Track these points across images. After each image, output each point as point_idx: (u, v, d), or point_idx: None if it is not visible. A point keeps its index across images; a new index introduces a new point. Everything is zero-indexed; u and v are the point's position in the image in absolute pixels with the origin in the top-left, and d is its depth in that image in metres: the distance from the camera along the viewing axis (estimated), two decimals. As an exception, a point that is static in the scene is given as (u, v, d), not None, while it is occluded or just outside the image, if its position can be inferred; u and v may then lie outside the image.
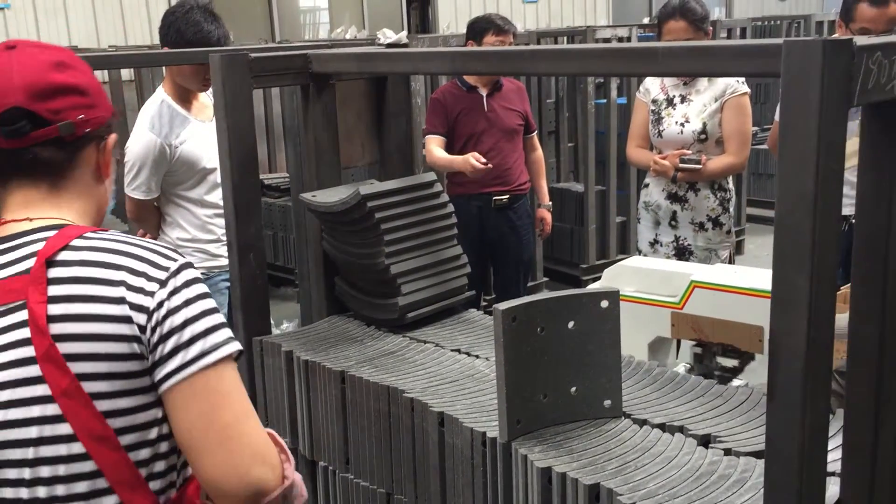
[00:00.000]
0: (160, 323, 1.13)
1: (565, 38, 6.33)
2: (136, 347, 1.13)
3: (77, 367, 1.11)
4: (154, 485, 1.18)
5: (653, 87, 3.56)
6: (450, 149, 3.94)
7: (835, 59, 0.91)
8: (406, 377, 1.65)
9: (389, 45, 2.02)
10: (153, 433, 1.17)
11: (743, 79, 3.33)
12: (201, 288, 1.18)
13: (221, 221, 2.98)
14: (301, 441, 1.81)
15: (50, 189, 1.23)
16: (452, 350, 1.78)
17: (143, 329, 1.13)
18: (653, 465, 1.29)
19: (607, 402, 1.45)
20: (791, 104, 0.93)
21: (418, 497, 1.59)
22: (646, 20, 9.04)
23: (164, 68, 3.19)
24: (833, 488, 1.18)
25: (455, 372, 1.67)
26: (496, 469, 1.41)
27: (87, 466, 1.13)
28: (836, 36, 3.34)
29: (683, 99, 3.43)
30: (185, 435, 1.14)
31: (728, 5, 15.45)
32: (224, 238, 3.03)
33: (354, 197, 1.80)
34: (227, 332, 1.16)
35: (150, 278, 1.14)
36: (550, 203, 4.33)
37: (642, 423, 1.43)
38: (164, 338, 1.12)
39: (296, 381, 1.79)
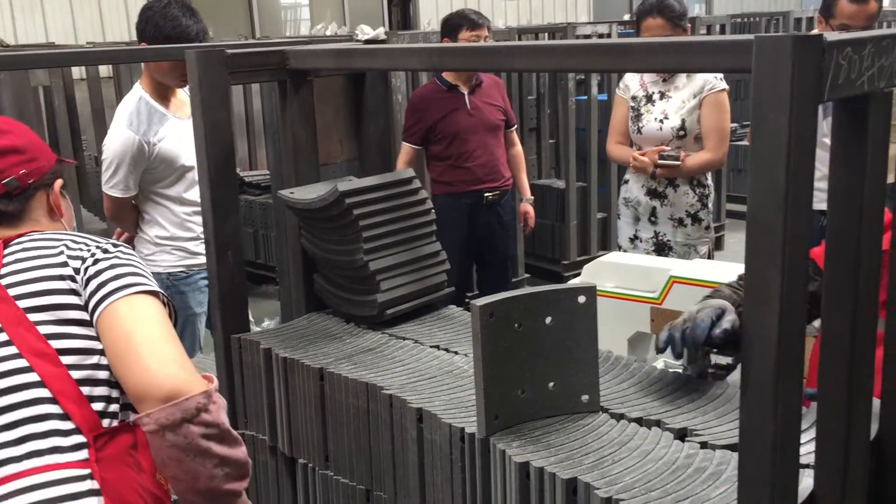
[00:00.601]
0: (90, 268, 1.42)
1: (546, 34, 6.34)
2: (71, 284, 1.42)
3: (23, 303, 1.39)
4: (95, 406, 1.36)
5: (632, 83, 3.58)
6: (435, 149, 3.95)
7: (805, 54, 0.92)
8: (385, 374, 1.65)
9: (367, 42, 2.01)
10: (92, 359, 1.38)
11: (721, 75, 3.35)
12: (130, 266, 1.45)
13: (200, 219, 2.96)
14: (280, 438, 1.81)
15: (10, 234, 1.52)
16: (431, 346, 1.78)
17: (77, 271, 1.43)
18: (630, 458, 1.30)
19: (585, 397, 1.45)
20: (762, 100, 0.94)
21: (397, 493, 1.59)
22: (626, 16, 9.07)
23: (141, 65, 3.17)
24: (807, 480, 1.19)
25: (434, 368, 1.67)
26: (474, 464, 1.41)
27: (31, 377, 1.34)
28: (814, 32, 3.36)
29: (662, 95, 3.45)
30: (112, 354, 1.37)
31: (707, 2, 15.53)
32: (203, 236, 3.02)
33: (332, 193, 1.80)
34: (146, 283, 1.43)
35: (86, 247, 1.47)
36: (532, 197, 4.35)
37: (619, 417, 1.44)
38: (93, 277, 1.41)
39: (274, 379, 1.79)
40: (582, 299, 1.42)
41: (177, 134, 2.94)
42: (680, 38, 1.15)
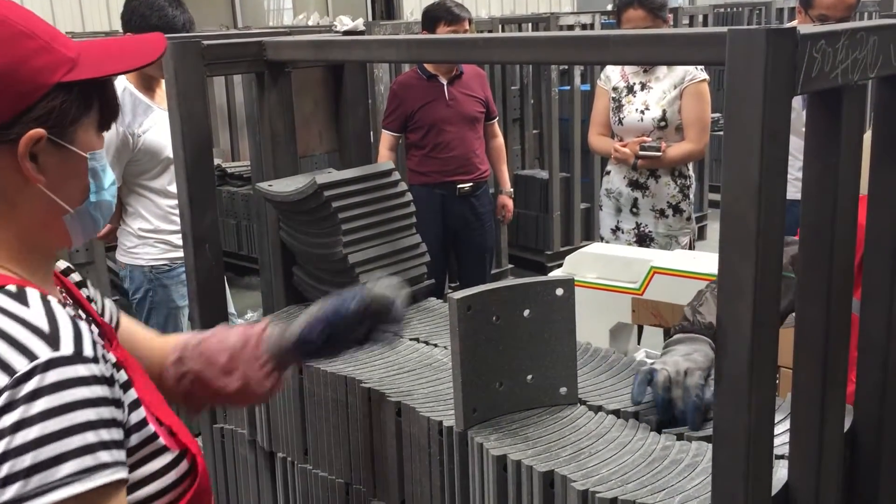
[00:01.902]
0: None
1: (529, 24, 6.33)
2: None
3: None
4: None
5: (613, 74, 3.58)
6: (412, 137, 3.94)
7: (778, 47, 0.92)
8: (364, 367, 1.65)
9: (346, 33, 1.99)
10: None
11: (702, 66, 3.36)
12: (55, 400, 0.88)
13: None
14: (259, 432, 1.80)
15: None
16: (411, 339, 1.77)
17: None
18: (607, 451, 1.30)
19: (563, 390, 1.45)
20: (735, 93, 0.94)
21: (376, 486, 1.59)
22: (609, 7, 9.07)
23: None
24: (782, 471, 1.20)
25: (413, 361, 1.66)
26: (452, 458, 1.41)
27: None
28: (794, 23, 3.37)
29: (643, 86, 3.46)
30: None
31: (691, -9, 15.55)
32: None
33: (311, 186, 1.79)
34: (69, 468, 0.88)
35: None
36: (511, 190, 4.36)
37: (597, 409, 1.44)
38: None
39: (253, 373, 1.78)
40: (560, 292, 1.42)
41: (162, 125, 2.91)
42: (655, 31, 1.15)
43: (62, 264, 1.20)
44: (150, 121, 2.92)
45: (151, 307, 3.19)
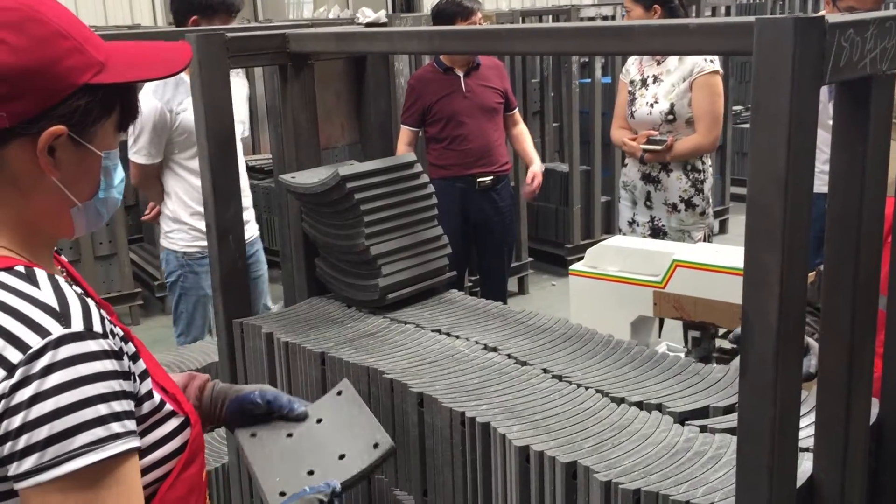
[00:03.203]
0: (3, 399, 0.92)
1: (550, 16, 6.30)
2: None
3: None
4: None
5: (632, 67, 3.57)
6: (431, 131, 3.94)
7: (806, 36, 0.91)
8: (386, 358, 1.65)
9: (368, 25, 2.00)
10: None
11: (714, 57, 3.33)
12: (69, 374, 0.92)
13: None
14: (282, 422, 1.81)
15: None
16: (433, 331, 1.78)
17: None
18: (629, 442, 1.30)
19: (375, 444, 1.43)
20: (762, 83, 0.93)
21: (399, 476, 1.60)
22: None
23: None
24: (806, 464, 1.19)
25: (435, 353, 1.67)
26: (475, 448, 1.42)
27: None
28: (821, 13, 3.34)
29: (655, 79, 3.44)
30: None
31: (714, -17, 15.40)
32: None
33: (333, 178, 1.80)
34: (83, 439, 0.92)
35: (0, 360, 0.92)
36: (542, 164, 4.25)
37: (620, 401, 1.44)
38: (2, 440, 0.92)
39: (276, 363, 1.79)
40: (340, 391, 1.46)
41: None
42: (680, 21, 1.14)
43: None
44: (190, 101, 3.01)
45: (182, 293, 3.24)
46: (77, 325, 0.95)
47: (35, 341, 0.92)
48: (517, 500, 1.34)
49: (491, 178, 3.97)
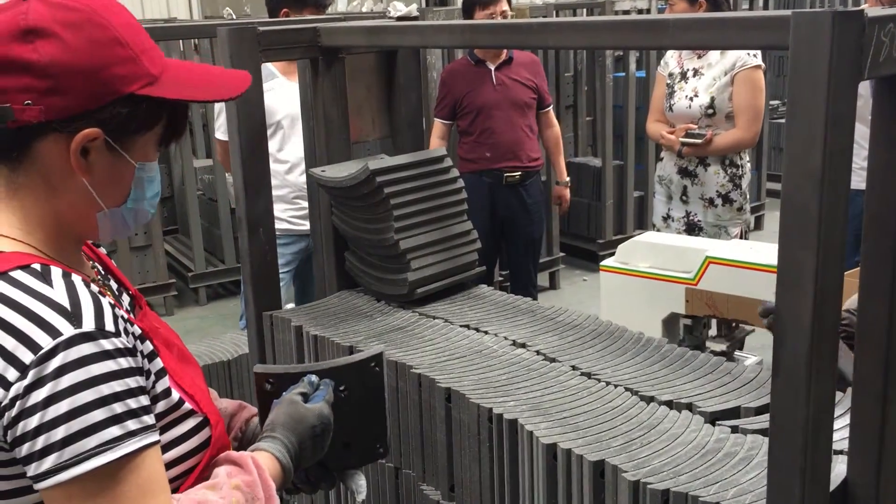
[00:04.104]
0: (13, 424, 0.92)
1: (584, 10, 6.24)
2: None
3: None
4: None
5: (671, 60, 3.52)
6: (462, 124, 3.92)
7: (844, 30, 0.89)
8: (414, 353, 1.65)
9: (399, 18, 1.99)
10: None
11: (756, 52, 3.27)
12: (81, 374, 0.93)
13: (292, 178, 3.22)
14: (311, 415, 1.82)
15: None
16: (461, 326, 1.77)
17: None
18: (658, 442, 1.29)
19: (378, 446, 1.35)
20: (799, 78, 0.91)
21: (426, 471, 1.60)
22: (666, -8, 8.90)
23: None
24: (840, 467, 1.17)
25: (463, 348, 1.66)
26: (502, 445, 1.41)
27: None
28: (864, 6, 3.27)
29: (696, 72, 3.39)
30: None
31: (752, -24, 15.17)
32: (294, 200, 3.21)
33: (363, 172, 1.80)
34: (99, 438, 0.93)
35: (13, 360, 0.92)
36: (568, 180, 4.28)
37: (649, 399, 1.42)
38: (18, 441, 0.93)
39: (305, 356, 1.80)
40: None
41: (278, 91, 3.14)
42: (715, 15, 1.12)
43: None
44: (268, 85, 3.17)
45: None
46: (88, 324, 0.95)
47: (46, 342, 0.92)
48: (544, 498, 1.34)
49: (519, 173, 3.94)
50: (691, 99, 3.36)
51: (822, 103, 0.90)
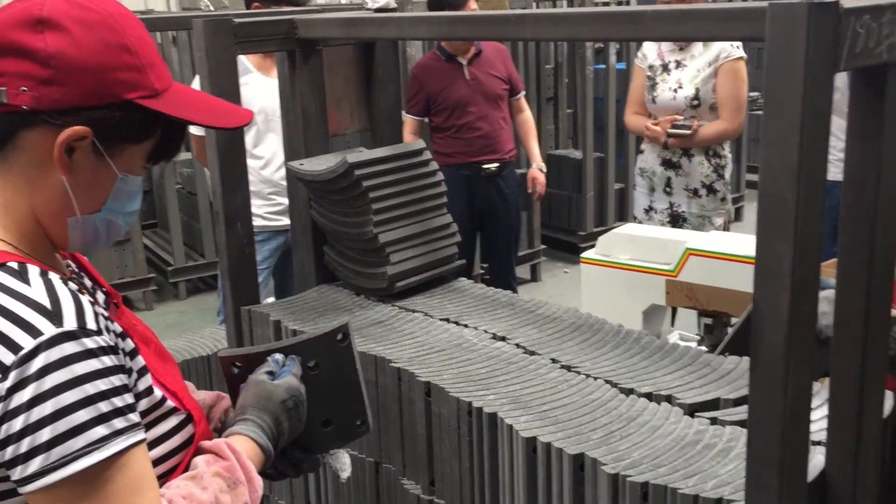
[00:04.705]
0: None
1: (564, 1, 6.24)
2: None
3: None
4: None
5: (650, 52, 3.52)
6: (436, 120, 3.91)
7: (820, 22, 0.89)
8: (394, 347, 1.64)
9: (377, 10, 1.98)
10: None
11: (738, 43, 3.29)
12: (65, 374, 0.91)
13: (266, 174, 3.21)
14: (290, 410, 1.81)
15: None
16: (441, 319, 1.77)
17: None
18: (638, 434, 1.29)
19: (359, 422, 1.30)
20: (775, 70, 0.91)
21: (406, 466, 1.59)
22: (646, -17, 8.92)
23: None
24: (818, 458, 1.17)
25: (443, 341, 1.66)
26: (482, 439, 1.41)
27: None
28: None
29: (678, 64, 3.40)
30: None
31: (731, -32, 15.23)
32: (269, 196, 3.18)
33: (341, 165, 1.78)
34: (86, 438, 0.91)
35: (5, 346, 0.90)
36: (543, 164, 4.27)
37: (629, 392, 1.42)
38: (2, 445, 0.91)
39: (284, 351, 1.78)
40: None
41: (253, 87, 3.10)
42: (692, 6, 1.12)
43: None
44: (243, 80, 3.10)
45: None
46: (70, 323, 0.93)
47: (27, 342, 0.90)
48: (524, 492, 1.34)
49: (497, 164, 3.95)
50: (675, 91, 3.37)
51: (798, 95, 0.90)
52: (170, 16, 5.15)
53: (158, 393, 1.06)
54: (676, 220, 3.49)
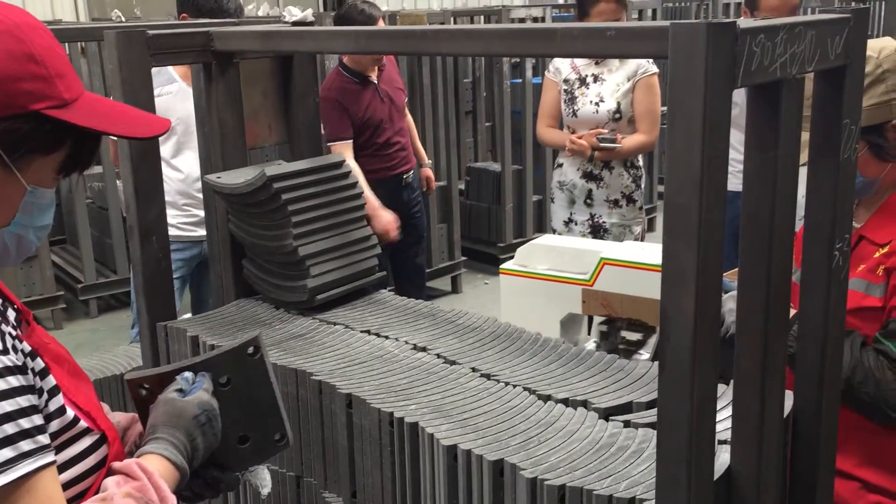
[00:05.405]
0: None
1: (482, 17, 6.33)
2: None
3: None
4: None
5: (563, 66, 3.60)
6: (358, 141, 3.91)
7: (718, 41, 0.94)
8: (315, 360, 1.64)
9: (295, 23, 1.98)
10: None
11: (652, 59, 3.41)
12: None
13: (184, 185, 3.18)
14: (209, 427, 1.78)
15: None
16: (362, 331, 1.77)
17: None
18: (555, 439, 1.32)
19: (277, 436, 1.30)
20: (677, 85, 0.96)
21: (328, 479, 1.59)
22: (561, 0, 9.13)
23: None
24: (724, 456, 1.23)
25: (364, 353, 1.66)
26: (404, 449, 1.42)
27: None
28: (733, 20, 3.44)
29: (596, 78, 3.49)
30: None
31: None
32: (184, 207, 3.16)
33: (260, 178, 1.77)
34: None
35: None
36: (431, 161, 4.53)
37: (546, 398, 1.46)
38: None
39: (202, 367, 1.76)
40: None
41: (176, 96, 3.07)
42: (599, 25, 1.16)
43: None
44: (167, 89, 3.07)
45: None
46: None
47: None
48: (445, 499, 1.35)
49: (412, 172, 4.10)
50: (598, 104, 3.46)
51: (699, 110, 0.94)
52: (79, 26, 5.01)
53: (71, 413, 1.03)
54: (597, 231, 3.58)
